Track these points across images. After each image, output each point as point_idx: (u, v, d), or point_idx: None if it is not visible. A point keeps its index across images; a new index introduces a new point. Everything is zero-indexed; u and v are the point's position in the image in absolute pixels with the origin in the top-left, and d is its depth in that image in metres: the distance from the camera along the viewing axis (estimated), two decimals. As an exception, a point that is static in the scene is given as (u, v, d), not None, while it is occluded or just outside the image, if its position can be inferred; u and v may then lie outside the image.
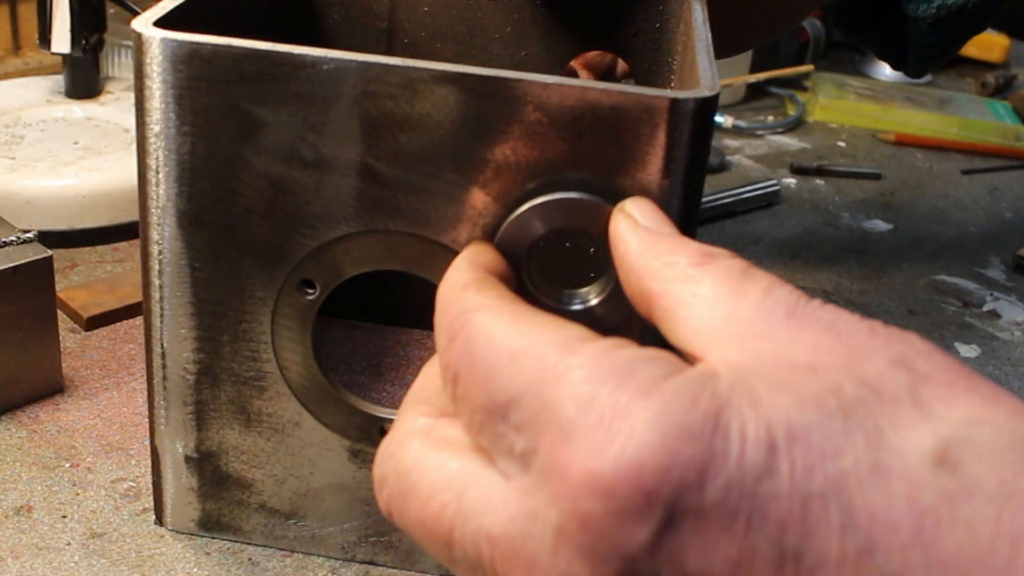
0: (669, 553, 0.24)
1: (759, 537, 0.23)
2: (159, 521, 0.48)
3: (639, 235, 0.32)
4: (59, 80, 0.83)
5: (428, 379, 0.34)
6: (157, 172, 0.41)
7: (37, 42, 0.80)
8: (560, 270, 0.39)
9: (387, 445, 0.31)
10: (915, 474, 0.23)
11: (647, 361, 0.26)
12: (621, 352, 0.26)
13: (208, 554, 0.47)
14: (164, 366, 0.44)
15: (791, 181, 0.93)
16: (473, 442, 0.29)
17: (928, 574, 0.22)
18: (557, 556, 0.25)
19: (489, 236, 0.38)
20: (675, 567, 0.24)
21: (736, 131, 1.02)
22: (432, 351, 0.32)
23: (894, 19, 0.59)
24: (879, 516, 0.22)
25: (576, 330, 0.28)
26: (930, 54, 0.60)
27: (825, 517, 0.23)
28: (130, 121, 0.78)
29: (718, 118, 1.02)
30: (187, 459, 0.46)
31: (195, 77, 0.39)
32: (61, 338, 0.56)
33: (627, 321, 0.38)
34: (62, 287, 0.63)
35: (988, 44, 1.29)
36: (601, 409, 0.25)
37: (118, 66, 0.92)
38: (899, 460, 0.23)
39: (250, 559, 0.47)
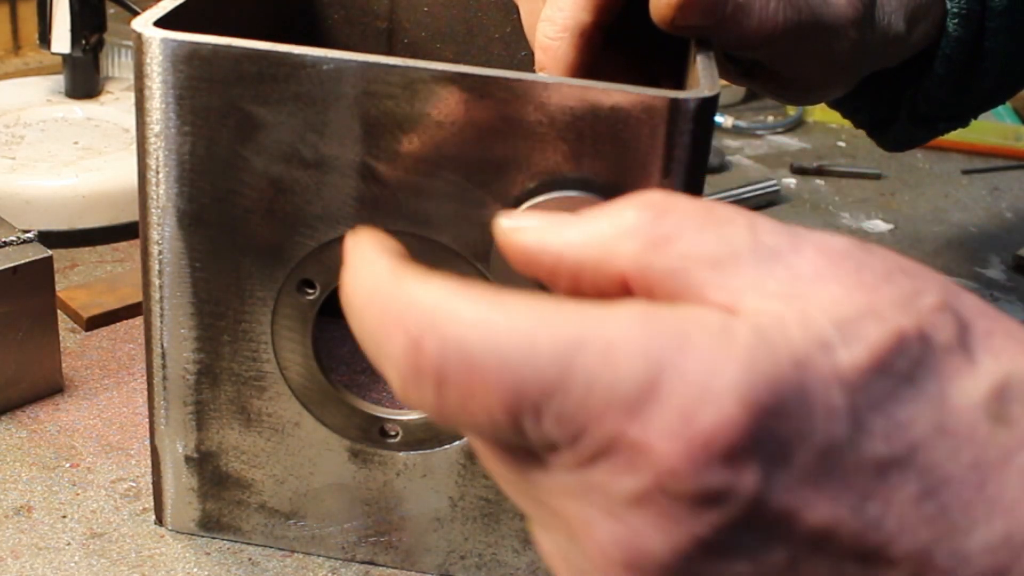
0: (759, 520, 0.23)
1: (842, 508, 0.23)
2: (159, 521, 0.48)
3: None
4: (59, 80, 0.83)
5: None
6: (157, 172, 0.41)
7: (37, 42, 0.80)
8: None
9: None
10: (976, 433, 0.23)
11: (695, 317, 0.24)
12: (660, 312, 0.24)
13: (208, 554, 0.47)
14: (164, 366, 0.44)
15: (791, 181, 0.93)
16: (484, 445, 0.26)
17: (990, 522, 0.23)
18: (623, 524, 0.24)
19: (489, 236, 0.38)
20: (782, 525, 0.23)
21: (736, 131, 1.02)
22: None
23: (886, 97, 0.60)
24: (951, 480, 0.23)
25: (585, 305, 0.24)
26: (918, 137, 0.61)
27: (903, 486, 0.23)
28: (130, 121, 0.78)
29: (718, 118, 1.02)
30: (187, 459, 0.46)
31: (195, 77, 0.39)
32: (61, 338, 0.56)
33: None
34: (62, 287, 0.63)
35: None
36: (673, 376, 0.23)
37: (118, 66, 0.92)
38: (962, 421, 0.23)
39: (250, 559, 0.47)
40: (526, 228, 0.27)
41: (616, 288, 0.26)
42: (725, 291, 0.24)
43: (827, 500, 0.23)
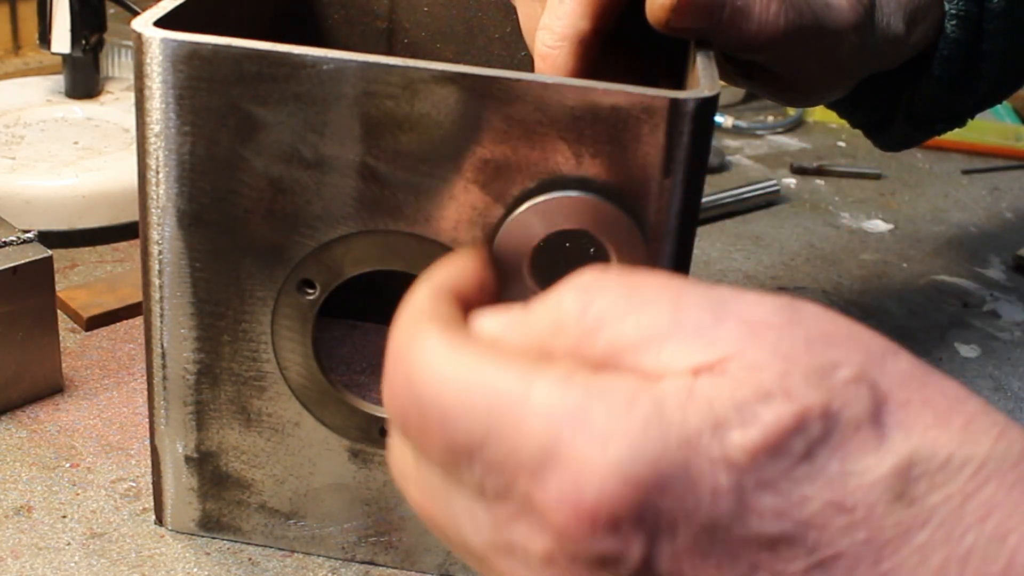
0: None
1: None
2: (159, 521, 0.48)
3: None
4: (59, 80, 0.83)
5: None
6: (157, 172, 0.41)
7: (37, 42, 0.80)
8: (560, 270, 0.39)
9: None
10: (874, 511, 0.23)
11: (608, 385, 0.25)
12: (578, 377, 0.25)
13: (208, 554, 0.47)
14: (164, 366, 0.44)
15: (791, 181, 0.93)
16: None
17: None
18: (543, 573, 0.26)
19: (489, 236, 0.38)
20: None
21: (736, 131, 1.02)
22: None
23: (883, 99, 0.60)
24: (843, 556, 0.23)
25: (524, 359, 0.26)
26: (915, 138, 0.61)
27: (793, 560, 0.23)
28: (130, 121, 0.78)
29: (718, 118, 1.02)
30: (187, 459, 0.46)
31: (195, 77, 0.39)
32: (61, 338, 0.56)
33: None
34: (62, 287, 0.63)
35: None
36: (570, 445, 0.24)
37: (118, 66, 0.92)
38: (860, 499, 0.23)
39: (250, 559, 0.47)
40: (484, 332, 0.29)
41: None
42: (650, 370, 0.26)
43: (713, 569, 0.24)
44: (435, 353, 0.27)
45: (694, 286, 0.27)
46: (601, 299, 0.27)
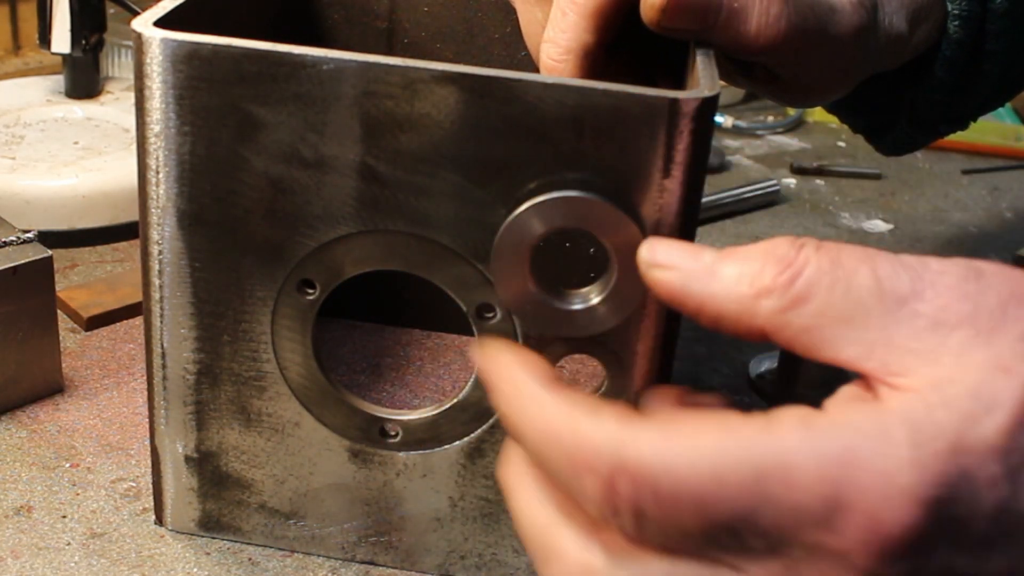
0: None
1: (1014, 557, 0.27)
2: (159, 521, 0.48)
3: (701, 279, 0.31)
4: (59, 80, 0.83)
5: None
6: (157, 172, 0.41)
7: (37, 42, 0.80)
8: (560, 270, 0.39)
9: None
10: None
11: (853, 425, 0.27)
12: (820, 426, 0.27)
13: (208, 554, 0.47)
14: (164, 366, 0.44)
15: (791, 181, 0.93)
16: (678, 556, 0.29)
17: None
18: None
19: (489, 236, 0.38)
20: None
21: (736, 131, 1.02)
22: (432, 352, 0.32)
23: (884, 102, 0.60)
24: None
25: (750, 425, 0.28)
26: (918, 141, 0.61)
27: None
28: (130, 121, 0.78)
29: (718, 118, 1.01)
30: (187, 459, 0.46)
31: (195, 77, 0.39)
32: (61, 338, 0.56)
33: (628, 319, 0.39)
34: (62, 287, 0.63)
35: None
36: (853, 490, 0.26)
37: (118, 66, 0.92)
38: None
39: (250, 559, 0.47)
40: (668, 272, 0.31)
41: (754, 336, 0.30)
42: (857, 345, 0.28)
43: (1000, 555, 0.26)
44: (652, 446, 0.28)
45: (884, 254, 0.29)
46: (805, 270, 0.29)
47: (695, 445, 0.27)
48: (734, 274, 0.30)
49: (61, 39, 0.79)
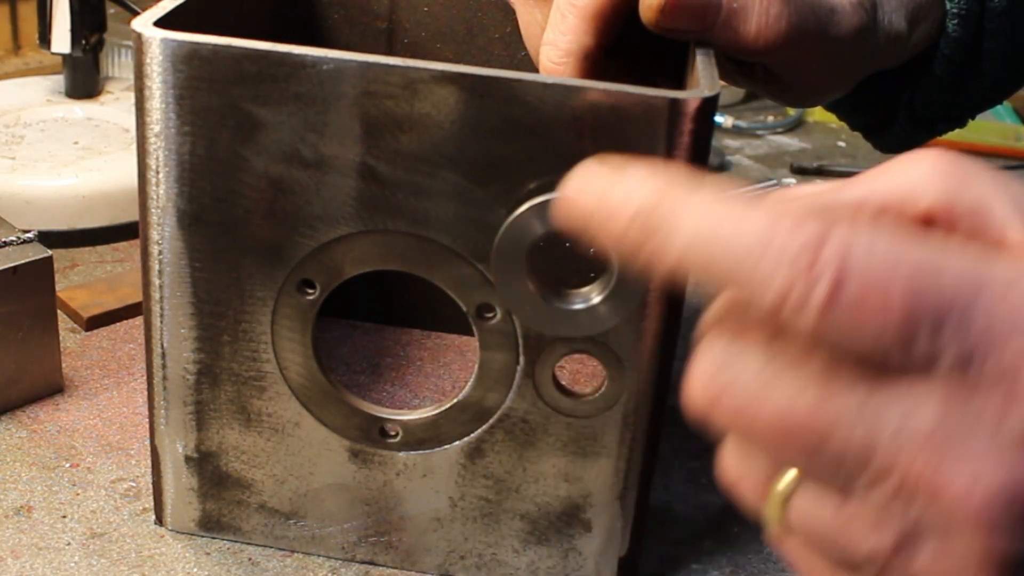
0: None
1: None
2: (159, 521, 0.48)
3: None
4: (59, 80, 0.83)
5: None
6: (157, 172, 0.41)
7: (37, 42, 0.80)
8: (560, 270, 0.39)
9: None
10: None
11: None
12: None
13: (208, 554, 0.47)
14: (164, 366, 0.44)
15: (791, 181, 0.93)
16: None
17: None
18: (1005, 462, 0.25)
19: (489, 236, 0.38)
20: None
21: (736, 131, 1.02)
22: (432, 352, 0.31)
23: (883, 100, 0.60)
24: None
25: (960, 248, 0.26)
26: (917, 139, 0.61)
27: None
28: (130, 121, 0.78)
29: (718, 118, 1.01)
30: (187, 459, 0.46)
31: (195, 77, 0.39)
32: (61, 338, 0.56)
33: (629, 318, 0.39)
34: (62, 287, 0.63)
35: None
36: None
37: (118, 66, 0.92)
38: None
39: (250, 559, 0.47)
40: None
41: (915, 225, 0.28)
42: None
43: None
44: (872, 232, 0.25)
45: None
46: (962, 162, 0.29)
47: (920, 245, 0.25)
48: (895, 166, 0.30)
49: (61, 39, 0.79)
